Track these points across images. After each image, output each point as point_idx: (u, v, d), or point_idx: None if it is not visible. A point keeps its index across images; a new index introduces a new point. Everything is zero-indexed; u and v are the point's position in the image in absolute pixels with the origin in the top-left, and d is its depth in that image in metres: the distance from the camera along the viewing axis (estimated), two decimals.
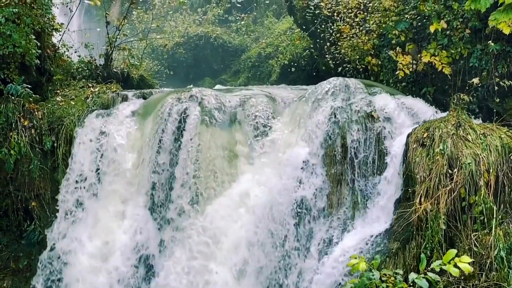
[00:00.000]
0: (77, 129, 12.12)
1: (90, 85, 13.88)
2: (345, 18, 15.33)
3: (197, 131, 11.48)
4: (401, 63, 12.38)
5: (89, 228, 11.63)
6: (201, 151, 11.39)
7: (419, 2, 12.52)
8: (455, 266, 5.33)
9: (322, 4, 16.51)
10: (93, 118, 12.34)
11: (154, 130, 11.88)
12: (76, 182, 11.86)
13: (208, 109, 11.82)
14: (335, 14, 15.83)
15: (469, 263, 5.40)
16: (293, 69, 19.81)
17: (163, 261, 11.20)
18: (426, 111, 11.18)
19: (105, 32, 16.36)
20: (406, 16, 12.91)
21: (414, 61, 12.42)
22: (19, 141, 11.62)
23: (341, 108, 11.00)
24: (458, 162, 9.33)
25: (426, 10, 12.18)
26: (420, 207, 9.29)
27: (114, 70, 15.81)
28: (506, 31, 8.63)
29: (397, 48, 12.61)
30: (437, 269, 5.49)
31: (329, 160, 10.79)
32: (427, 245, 9.08)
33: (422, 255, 5.91)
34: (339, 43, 15.31)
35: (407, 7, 13.06)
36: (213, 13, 28.07)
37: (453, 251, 5.30)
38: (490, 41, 10.97)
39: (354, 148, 10.74)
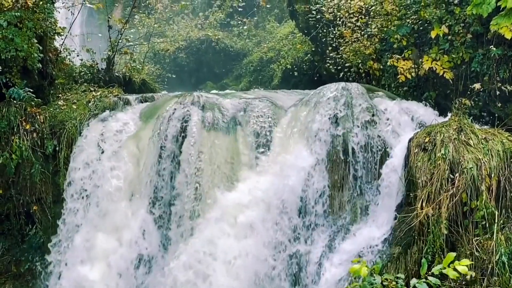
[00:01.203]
0: (71, 163, 11.91)
1: (92, 89, 13.90)
2: (346, 22, 15.34)
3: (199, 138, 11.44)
4: (402, 68, 12.38)
5: None
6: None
7: (420, 7, 12.53)
8: (455, 269, 5.32)
9: (323, 8, 16.52)
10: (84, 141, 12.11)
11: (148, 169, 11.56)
12: (67, 238, 11.61)
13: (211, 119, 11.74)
14: (337, 18, 15.84)
15: (468, 266, 5.39)
16: (295, 74, 19.81)
17: None
18: (428, 115, 11.17)
19: (107, 36, 16.39)
20: (408, 20, 12.91)
21: (415, 65, 12.42)
22: (20, 145, 11.63)
23: (343, 113, 10.98)
24: (460, 167, 9.32)
25: (426, 16, 12.18)
26: (422, 212, 9.27)
27: (116, 74, 15.83)
28: (508, 35, 8.67)
29: (395, 55, 12.59)
30: (436, 273, 5.48)
31: (330, 165, 10.77)
32: (429, 250, 9.07)
33: (423, 260, 5.90)
34: (341, 48, 15.32)
35: (408, 12, 13.06)
36: (215, 17, 28.10)
37: (453, 254, 5.29)
38: (492, 46, 10.95)
39: (355, 153, 10.72)
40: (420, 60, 12.19)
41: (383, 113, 11.08)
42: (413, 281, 5.61)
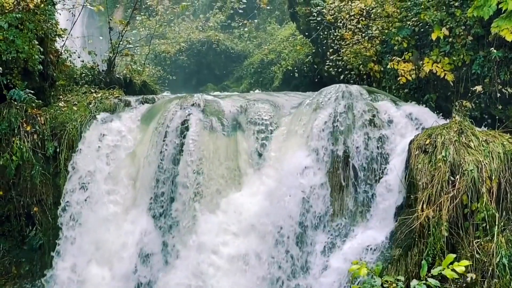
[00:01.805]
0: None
1: (92, 90, 13.91)
2: (347, 25, 15.34)
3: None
4: (402, 70, 12.38)
5: None
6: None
7: (421, 10, 12.53)
8: (453, 270, 5.32)
9: (324, 11, 16.54)
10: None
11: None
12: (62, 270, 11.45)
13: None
14: (338, 20, 15.85)
15: (468, 267, 5.38)
16: (295, 75, 19.82)
17: None
18: (429, 118, 11.14)
19: (107, 38, 16.41)
20: (409, 22, 12.92)
21: (416, 67, 12.42)
22: (21, 147, 11.63)
23: (343, 115, 10.95)
24: (460, 169, 9.31)
25: (426, 19, 12.17)
26: (422, 214, 9.26)
27: (117, 75, 15.85)
28: (509, 38, 8.63)
29: (396, 58, 12.58)
30: (436, 274, 5.47)
31: (331, 167, 10.75)
32: (429, 252, 9.05)
33: (423, 262, 5.89)
34: (342, 50, 15.33)
35: (409, 14, 13.06)
36: (216, 19, 28.12)
37: (452, 256, 5.28)
38: (493, 48, 10.96)
39: (356, 154, 10.70)
40: (421, 62, 12.20)
41: (384, 115, 11.02)
42: (413, 282, 5.60)
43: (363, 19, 14.98)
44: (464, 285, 8.63)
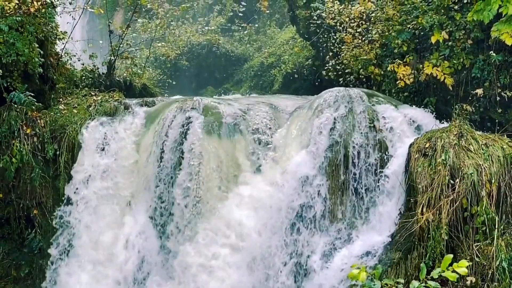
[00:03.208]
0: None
1: (92, 93, 13.88)
2: (347, 28, 15.35)
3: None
4: (402, 73, 12.38)
5: None
6: None
7: (419, 14, 12.54)
8: (453, 272, 5.31)
9: (324, 14, 16.55)
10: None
11: None
12: None
13: None
14: (338, 24, 15.86)
15: (468, 269, 5.38)
16: (295, 78, 19.82)
17: None
18: (428, 121, 11.14)
19: (108, 41, 16.43)
20: (409, 26, 12.93)
21: (415, 71, 12.43)
22: (21, 149, 11.63)
23: (343, 118, 10.95)
24: (460, 172, 9.32)
25: (424, 23, 12.18)
26: (422, 217, 9.27)
27: (117, 78, 15.86)
28: (508, 41, 8.66)
29: (397, 60, 12.60)
30: (435, 276, 5.46)
31: (331, 170, 10.75)
32: (429, 256, 9.05)
33: (422, 264, 5.88)
34: (342, 53, 15.33)
35: (409, 18, 13.07)
36: (216, 22, 28.13)
37: (450, 256, 5.27)
38: (492, 52, 10.98)
39: (356, 158, 10.70)
40: (421, 65, 12.21)
41: (384, 118, 11.02)
42: (413, 284, 5.60)
43: (363, 22, 14.98)
44: None
